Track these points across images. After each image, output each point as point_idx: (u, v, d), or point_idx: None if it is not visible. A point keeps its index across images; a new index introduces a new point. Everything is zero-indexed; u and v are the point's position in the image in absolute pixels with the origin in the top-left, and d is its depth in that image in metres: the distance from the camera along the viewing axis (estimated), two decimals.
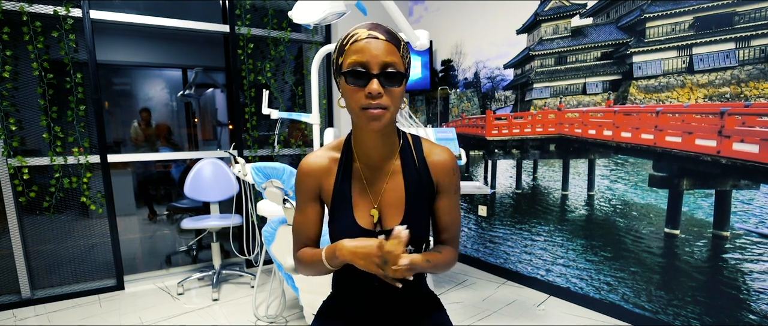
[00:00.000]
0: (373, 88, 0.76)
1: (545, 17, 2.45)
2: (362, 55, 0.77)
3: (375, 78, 0.77)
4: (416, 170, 0.91)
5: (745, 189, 1.73)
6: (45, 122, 2.46)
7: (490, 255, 2.97)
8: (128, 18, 2.66)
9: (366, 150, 0.89)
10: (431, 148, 0.93)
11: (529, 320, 2.25)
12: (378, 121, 0.79)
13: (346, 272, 0.97)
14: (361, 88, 0.78)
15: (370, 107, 0.78)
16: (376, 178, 0.91)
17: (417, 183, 0.90)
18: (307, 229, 0.95)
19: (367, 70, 0.78)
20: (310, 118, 2.36)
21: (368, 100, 0.78)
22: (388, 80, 0.78)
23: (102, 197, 2.66)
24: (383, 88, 0.77)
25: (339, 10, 1.70)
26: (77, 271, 2.71)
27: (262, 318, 2.30)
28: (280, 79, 3.23)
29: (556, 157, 2.48)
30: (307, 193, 0.93)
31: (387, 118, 0.80)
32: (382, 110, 0.78)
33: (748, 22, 1.69)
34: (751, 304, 1.74)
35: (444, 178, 0.92)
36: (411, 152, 0.92)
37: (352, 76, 0.79)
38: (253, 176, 1.83)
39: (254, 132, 3.13)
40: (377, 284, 0.88)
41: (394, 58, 0.78)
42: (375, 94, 0.77)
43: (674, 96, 1.93)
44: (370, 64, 0.77)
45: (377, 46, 0.77)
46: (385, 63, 0.77)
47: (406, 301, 0.95)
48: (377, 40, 0.78)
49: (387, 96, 0.78)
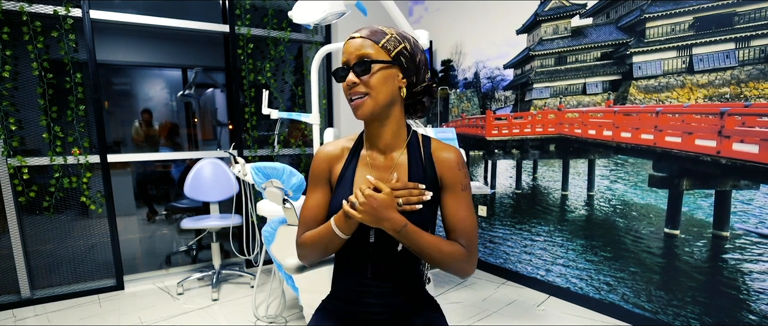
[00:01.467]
0: (348, 79, 0.87)
1: (545, 17, 2.45)
2: (345, 55, 0.89)
3: (351, 70, 0.87)
4: (421, 164, 0.93)
5: (744, 190, 1.73)
6: (45, 122, 2.46)
7: (490, 255, 2.97)
8: (128, 18, 2.66)
9: (372, 139, 0.95)
10: (439, 146, 0.96)
11: (529, 320, 2.25)
12: (360, 109, 0.87)
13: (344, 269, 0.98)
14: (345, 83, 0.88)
15: (352, 97, 0.88)
16: (381, 167, 0.95)
17: (420, 176, 0.92)
18: (315, 213, 0.97)
19: (347, 65, 0.88)
20: (310, 118, 2.36)
21: (349, 91, 0.88)
22: (360, 69, 0.86)
23: (102, 197, 2.66)
24: (358, 78, 0.86)
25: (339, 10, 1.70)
26: (77, 271, 2.71)
27: (262, 318, 2.30)
28: (280, 79, 3.23)
29: (556, 157, 2.48)
30: (318, 177, 0.99)
31: (370, 104, 0.87)
32: (361, 98, 0.86)
33: (748, 22, 1.69)
34: (750, 304, 1.74)
35: (447, 172, 0.92)
36: (418, 147, 0.95)
37: (335, 75, 0.90)
38: (253, 176, 1.83)
39: (254, 132, 3.13)
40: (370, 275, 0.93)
41: (367, 50, 0.86)
42: (350, 84, 0.87)
43: (674, 96, 1.94)
44: (349, 60, 0.88)
45: (355, 43, 0.87)
46: (358, 56, 0.86)
47: (402, 301, 0.95)
48: (354, 38, 0.88)
49: (363, 84, 0.86)
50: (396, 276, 0.94)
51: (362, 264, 0.94)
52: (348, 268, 0.97)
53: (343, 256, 0.98)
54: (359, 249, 0.93)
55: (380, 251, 0.92)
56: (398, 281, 0.95)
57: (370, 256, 0.93)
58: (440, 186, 0.94)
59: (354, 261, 0.95)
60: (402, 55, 0.88)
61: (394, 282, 0.94)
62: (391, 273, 0.93)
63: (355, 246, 0.93)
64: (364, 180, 0.89)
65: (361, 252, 0.93)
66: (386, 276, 0.93)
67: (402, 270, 0.95)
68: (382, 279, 0.93)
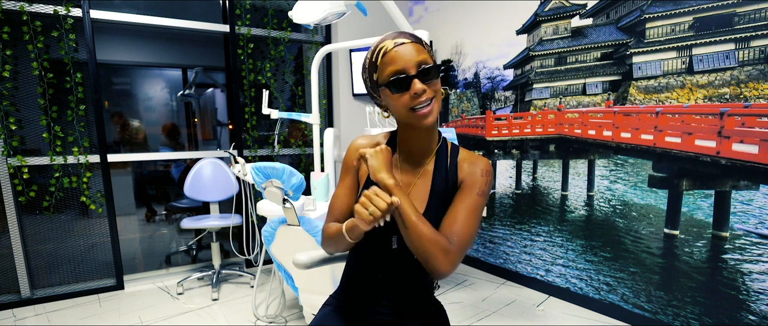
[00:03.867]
0: (417, 87, 0.82)
1: (545, 18, 2.45)
2: (397, 64, 0.83)
3: (415, 78, 0.82)
4: (446, 172, 0.93)
5: (744, 190, 1.73)
6: (45, 122, 2.46)
7: (490, 255, 2.97)
8: (128, 18, 2.66)
9: (408, 145, 0.94)
10: (467, 156, 0.95)
11: (529, 320, 2.25)
12: (430, 116, 0.84)
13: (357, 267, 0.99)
14: (405, 92, 0.83)
15: (418, 106, 0.83)
16: (409, 172, 0.95)
17: (443, 184, 0.91)
18: (341, 203, 0.98)
19: (406, 74, 0.83)
20: (310, 118, 2.36)
21: (414, 100, 0.83)
22: (426, 76, 0.83)
23: (102, 197, 2.66)
24: (425, 85, 0.83)
25: (339, 10, 1.70)
26: (77, 271, 2.71)
27: (262, 318, 2.30)
28: (280, 79, 3.23)
29: (556, 157, 2.48)
30: (349, 168, 0.99)
31: (436, 110, 0.85)
32: (429, 105, 0.84)
33: (748, 22, 1.69)
34: (750, 305, 1.74)
35: (469, 177, 0.91)
36: (446, 155, 0.95)
37: (394, 86, 0.84)
38: (253, 176, 1.83)
39: (254, 132, 3.13)
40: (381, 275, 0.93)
41: (424, 55, 0.84)
42: (420, 92, 0.82)
43: (674, 96, 1.94)
44: (407, 68, 0.83)
45: (407, 50, 0.83)
46: (418, 62, 0.83)
47: (411, 304, 0.96)
48: (404, 44, 0.84)
49: (430, 90, 0.84)
50: (408, 281, 0.94)
51: (377, 264, 0.94)
52: (362, 267, 0.98)
53: (359, 254, 0.99)
54: (377, 250, 0.94)
55: (402, 255, 0.91)
56: (410, 285, 0.95)
57: (386, 259, 0.93)
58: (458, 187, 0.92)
59: (369, 261, 0.96)
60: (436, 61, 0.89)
61: (406, 286, 0.95)
62: (403, 277, 0.94)
63: (374, 248, 0.94)
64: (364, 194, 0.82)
65: (378, 253, 0.94)
66: (399, 279, 0.94)
67: (415, 276, 0.95)
68: (395, 282, 0.94)
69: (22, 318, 2.38)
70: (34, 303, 2.54)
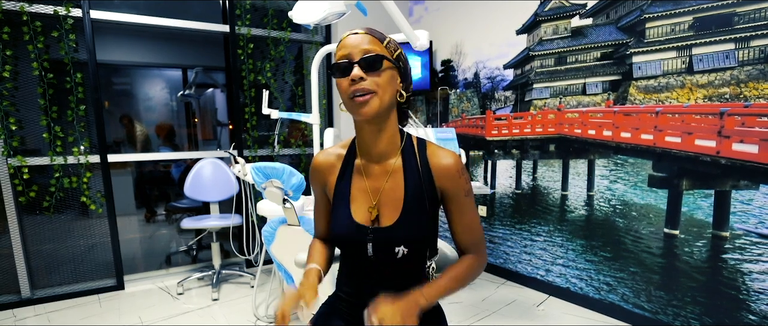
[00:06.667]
0: (354, 73, 0.82)
1: (545, 18, 2.45)
2: (345, 49, 0.84)
3: (356, 64, 0.83)
4: (417, 171, 0.90)
5: (744, 190, 1.73)
6: (45, 122, 2.46)
7: (490, 255, 2.97)
8: (128, 18, 2.66)
9: (366, 146, 0.91)
10: (435, 151, 0.91)
11: (529, 320, 2.26)
12: (366, 106, 0.82)
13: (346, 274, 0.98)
14: (346, 78, 0.83)
15: (356, 94, 0.82)
16: (376, 176, 0.92)
17: (417, 183, 0.89)
18: (318, 221, 1.05)
19: (350, 60, 0.83)
20: (310, 118, 2.36)
21: (353, 87, 0.82)
22: (369, 65, 0.82)
23: (102, 197, 2.66)
24: (365, 73, 0.82)
25: (339, 10, 1.70)
26: (77, 271, 2.71)
27: (262, 318, 2.30)
28: (280, 79, 3.23)
29: (556, 157, 2.48)
30: (316, 188, 1.01)
31: (376, 103, 0.83)
32: (368, 95, 0.82)
33: (748, 22, 1.69)
34: (750, 305, 1.74)
35: (448, 183, 0.89)
36: (413, 152, 0.92)
37: (337, 69, 0.85)
38: (253, 176, 1.83)
39: (254, 132, 3.13)
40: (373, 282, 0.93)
41: (374, 46, 0.84)
42: (357, 78, 0.81)
43: (674, 96, 1.94)
44: (351, 54, 0.83)
45: (357, 39, 0.84)
46: (364, 50, 0.83)
47: None
48: (358, 34, 0.85)
49: (371, 80, 0.82)
50: (400, 280, 0.94)
51: (364, 270, 0.94)
52: (351, 274, 0.98)
53: (344, 263, 0.99)
54: (359, 259, 0.93)
55: (380, 261, 0.91)
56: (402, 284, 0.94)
57: (371, 265, 0.92)
58: (442, 196, 0.92)
59: (356, 268, 0.96)
60: (400, 59, 0.88)
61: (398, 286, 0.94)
62: (394, 278, 0.93)
63: (355, 257, 0.94)
64: None
65: (361, 261, 0.93)
66: (389, 281, 0.93)
67: (406, 274, 0.94)
68: (386, 284, 0.93)
69: (22, 318, 2.38)
70: (35, 304, 2.54)
